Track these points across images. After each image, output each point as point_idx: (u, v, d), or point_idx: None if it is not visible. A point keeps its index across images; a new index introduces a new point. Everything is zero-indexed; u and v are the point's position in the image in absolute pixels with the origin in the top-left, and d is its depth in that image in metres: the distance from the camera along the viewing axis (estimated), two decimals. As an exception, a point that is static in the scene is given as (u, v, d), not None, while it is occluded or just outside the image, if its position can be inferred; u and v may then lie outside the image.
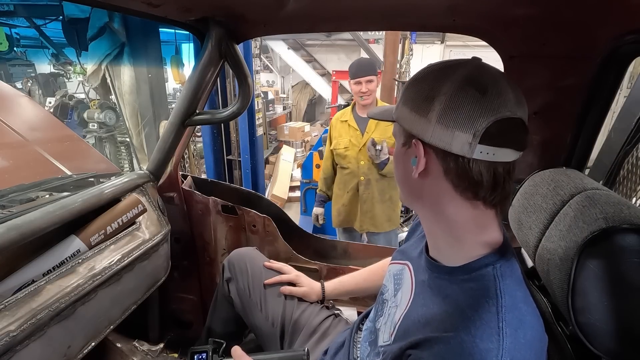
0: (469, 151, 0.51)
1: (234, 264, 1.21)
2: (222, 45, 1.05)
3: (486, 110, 0.50)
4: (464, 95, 0.51)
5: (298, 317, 1.10)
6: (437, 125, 0.52)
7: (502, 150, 0.51)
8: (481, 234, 0.58)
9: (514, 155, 0.52)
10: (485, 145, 0.50)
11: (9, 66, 5.98)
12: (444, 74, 0.54)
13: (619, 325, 0.51)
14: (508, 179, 0.53)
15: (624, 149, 1.37)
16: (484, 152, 0.50)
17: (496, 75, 0.53)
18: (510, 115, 0.50)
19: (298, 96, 8.88)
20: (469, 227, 0.58)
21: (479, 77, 0.52)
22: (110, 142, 4.06)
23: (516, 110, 0.51)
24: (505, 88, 0.51)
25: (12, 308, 0.76)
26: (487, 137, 0.50)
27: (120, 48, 2.98)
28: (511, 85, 0.52)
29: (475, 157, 0.51)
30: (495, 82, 0.52)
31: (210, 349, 0.90)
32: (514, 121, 0.51)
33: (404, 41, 5.06)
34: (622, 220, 0.51)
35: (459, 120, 0.51)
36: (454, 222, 0.58)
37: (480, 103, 0.50)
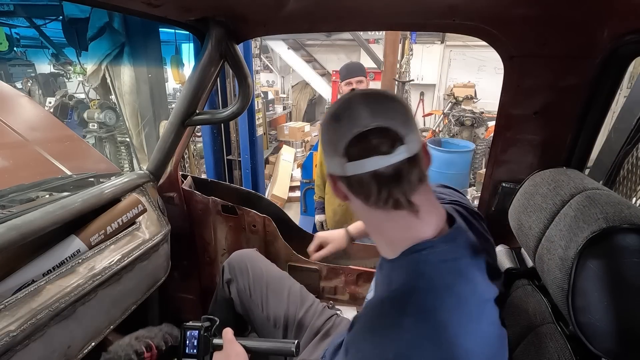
0: (344, 170, 0.58)
1: (234, 265, 1.21)
2: (222, 45, 1.05)
3: (342, 133, 0.57)
4: (328, 128, 0.60)
5: (302, 318, 1.11)
6: (327, 158, 0.62)
7: (368, 160, 0.55)
8: (406, 234, 0.62)
9: (383, 160, 0.55)
10: (352, 161, 0.56)
11: (9, 66, 5.98)
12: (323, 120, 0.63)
13: (619, 325, 0.51)
14: (397, 184, 0.56)
15: (624, 149, 1.37)
16: (355, 167, 0.56)
17: (351, 101, 0.59)
18: (362, 130, 0.55)
19: (298, 96, 8.88)
20: (392, 233, 0.63)
21: (336, 109, 0.60)
22: (110, 142, 4.05)
23: (370, 122, 0.55)
24: (356, 108, 0.57)
25: (12, 308, 0.76)
26: (349, 154, 0.57)
27: (120, 48, 2.97)
28: (369, 100, 0.58)
29: (350, 173, 0.57)
30: (348, 107, 0.58)
31: (202, 327, 0.91)
32: (370, 131, 0.55)
33: (404, 41, 5.07)
34: (622, 220, 0.52)
35: (330, 149, 0.60)
36: (378, 230, 0.65)
37: (337, 130, 0.58)
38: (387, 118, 0.56)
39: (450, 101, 6.00)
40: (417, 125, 0.60)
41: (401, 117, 0.57)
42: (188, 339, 0.91)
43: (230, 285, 1.21)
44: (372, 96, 0.60)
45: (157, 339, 0.95)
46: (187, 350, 0.90)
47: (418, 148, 0.58)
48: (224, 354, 0.85)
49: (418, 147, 0.58)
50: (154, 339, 0.94)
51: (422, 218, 0.60)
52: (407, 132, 0.56)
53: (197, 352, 0.89)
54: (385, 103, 0.58)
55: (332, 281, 1.43)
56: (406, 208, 0.57)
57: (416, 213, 0.58)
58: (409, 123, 0.58)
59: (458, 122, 5.26)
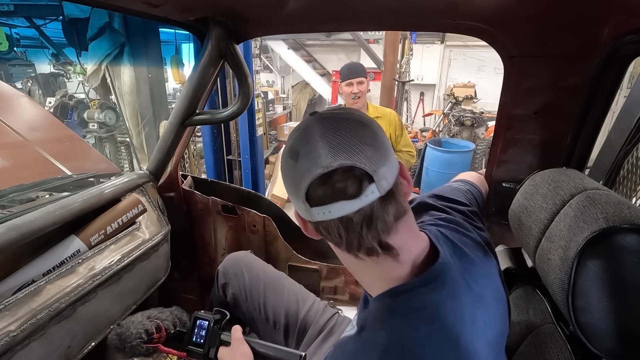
0: (310, 216, 0.51)
1: (229, 268, 1.21)
2: (222, 45, 1.05)
3: (301, 175, 0.49)
4: (286, 167, 0.53)
5: (304, 317, 1.10)
6: (291, 199, 0.55)
7: (334, 205, 0.48)
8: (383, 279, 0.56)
9: (351, 204, 0.48)
10: (316, 206, 0.49)
11: (9, 66, 5.97)
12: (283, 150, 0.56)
13: (619, 325, 0.51)
14: (369, 229, 0.49)
15: (624, 149, 1.37)
16: (320, 213, 0.49)
17: (308, 132, 0.51)
18: (323, 171, 0.47)
19: (298, 96, 8.88)
20: (368, 276, 0.57)
21: (294, 144, 0.52)
22: (110, 142, 4.05)
23: (331, 162, 0.47)
24: (314, 145, 0.49)
25: (12, 308, 0.76)
26: (312, 200, 0.49)
27: (120, 48, 2.97)
28: (329, 131, 0.49)
29: (316, 219, 0.50)
30: (306, 142, 0.50)
31: (212, 320, 0.91)
32: (332, 173, 0.47)
33: (404, 41, 5.07)
34: (622, 220, 0.52)
35: (291, 191, 0.53)
36: (354, 272, 0.60)
37: (295, 170, 0.50)
38: (351, 153, 0.47)
39: (450, 101, 6.00)
40: (388, 150, 0.51)
41: (368, 149, 0.48)
42: (197, 328, 0.91)
43: (226, 289, 1.20)
44: (333, 124, 0.50)
45: (168, 321, 0.94)
46: (195, 339, 0.90)
47: (392, 180, 0.50)
48: (231, 351, 0.84)
49: (392, 180, 0.50)
50: (164, 321, 0.93)
51: (402, 261, 0.53)
52: (377, 166, 0.48)
53: (204, 343, 0.89)
54: (347, 133, 0.49)
55: (332, 281, 1.42)
56: (382, 253, 0.51)
57: (395, 257, 0.52)
58: (378, 153, 0.49)
59: (458, 122, 5.26)
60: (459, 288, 0.55)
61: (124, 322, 0.92)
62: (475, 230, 0.69)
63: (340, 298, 1.44)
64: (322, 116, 0.52)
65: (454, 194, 0.80)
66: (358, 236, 0.49)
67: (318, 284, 1.43)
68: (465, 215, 0.73)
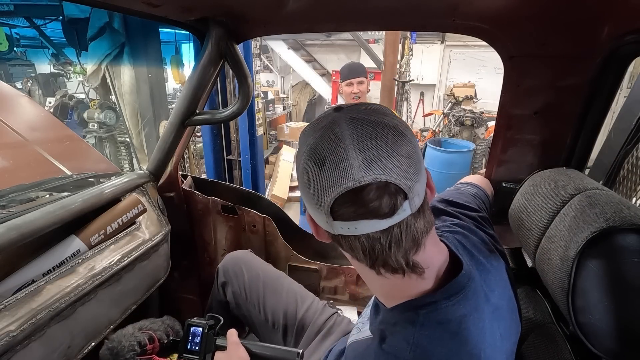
0: (331, 229, 0.47)
1: (229, 267, 1.21)
2: (222, 45, 1.05)
3: (327, 186, 0.44)
4: (308, 174, 0.46)
5: (303, 316, 1.10)
6: (306, 203, 0.50)
7: (361, 222, 0.44)
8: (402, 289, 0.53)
9: (381, 223, 0.44)
10: (340, 221, 0.45)
11: (9, 66, 5.97)
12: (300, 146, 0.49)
13: (619, 325, 0.51)
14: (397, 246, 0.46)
15: (624, 149, 1.37)
16: (344, 228, 0.45)
17: (336, 137, 0.45)
18: (354, 186, 0.42)
19: (298, 96, 8.87)
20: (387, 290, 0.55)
21: (319, 146, 0.46)
22: (110, 142, 4.06)
23: (364, 176, 0.42)
24: (345, 153, 0.43)
25: (12, 308, 0.76)
26: (336, 214, 0.45)
27: (120, 48, 2.97)
28: (362, 139, 0.44)
29: (338, 233, 0.47)
30: (333, 148, 0.44)
31: (206, 325, 0.89)
32: (362, 189, 0.43)
33: (404, 41, 5.07)
34: (622, 220, 0.51)
35: (310, 199, 0.47)
36: (371, 284, 0.57)
37: (320, 179, 0.45)
38: (387, 167, 0.43)
39: (450, 101, 6.00)
40: (421, 161, 0.47)
41: (404, 163, 0.44)
42: (191, 335, 0.89)
43: (226, 288, 1.20)
44: (366, 130, 0.44)
45: (160, 331, 0.93)
46: (189, 346, 0.89)
47: (424, 195, 0.47)
48: (227, 355, 0.84)
49: (424, 194, 0.47)
50: (156, 332, 0.92)
51: (427, 278, 0.51)
52: (412, 181, 0.44)
53: (199, 350, 0.88)
54: (383, 142, 0.44)
55: (332, 281, 1.42)
56: (407, 273, 0.48)
57: (421, 274, 0.49)
58: (414, 166, 0.45)
59: (458, 122, 5.26)
60: (480, 300, 0.53)
61: (115, 335, 0.90)
62: (487, 236, 0.67)
63: (340, 298, 1.44)
64: (352, 116, 0.46)
65: (463, 199, 0.78)
66: (385, 255, 0.46)
67: (318, 284, 1.43)
68: (477, 221, 0.71)
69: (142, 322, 0.95)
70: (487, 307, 0.54)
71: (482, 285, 0.55)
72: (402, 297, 0.53)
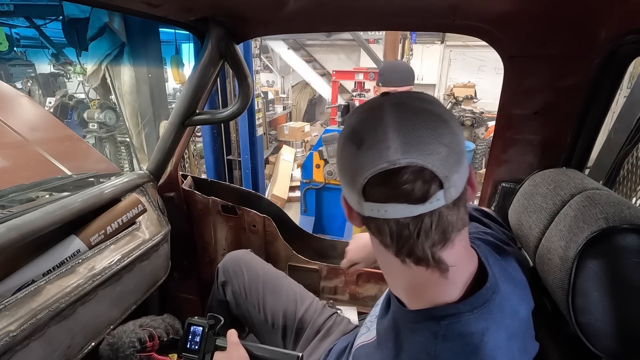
0: (362, 209, 0.46)
1: (229, 267, 1.21)
2: (222, 45, 1.05)
3: (362, 165, 0.44)
4: (345, 153, 0.47)
5: (302, 317, 1.10)
6: (342, 183, 0.51)
7: (392, 206, 0.43)
8: (425, 291, 0.51)
9: (412, 209, 0.43)
10: (371, 202, 0.45)
11: (9, 66, 5.98)
12: (342, 129, 0.51)
13: (619, 325, 0.51)
14: (426, 237, 0.45)
15: (624, 149, 1.37)
16: (374, 210, 0.45)
17: (377, 119, 0.45)
18: (389, 167, 0.42)
19: (298, 96, 8.88)
20: (410, 284, 0.53)
21: (359, 127, 0.46)
22: (110, 142, 4.06)
23: (400, 158, 0.42)
24: (384, 135, 0.43)
25: (12, 308, 0.76)
26: (368, 194, 0.45)
27: (120, 48, 2.98)
28: (404, 122, 0.44)
29: (368, 215, 0.46)
30: (374, 129, 0.44)
31: (207, 325, 0.89)
32: (397, 171, 0.42)
33: (404, 41, 5.07)
34: (622, 220, 0.51)
35: (346, 179, 0.48)
36: (394, 276, 0.55)
37: (356, 159, 0.45)
38: (425, 153, 0.42)
39: (450, 101, 6.00)
40: (464, 153, 0.46)
41: (444, 151, 0.43)
42: (191, 334, 0.89)
43: (225, 287, 1.20)
44: (409, 115, 0.44)
45: (160, 329, 0.93)
46: (189, 345, 0.89)
47: (462, 188, 0.45)
48: (227, 355, 0.84)
49: (462, 187, 0.45)
50: (157, 329, 0.92)
51: (451, 278, 0.48)
52: (450, 171, 0.43)
53: (199, 349, 0.88)
54: (424, 128, 0.43)
55: (332, 281, 1.42)
56: (431, 266, 0.46)
57: (444, 272, 0.47)
58: (454, 156, 0.44)
59: (458, 122, 5.26)
60: (503, 315, 0.51)
61: (115, 331, 0.89)
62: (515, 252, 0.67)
63: (340, 298, 1.44)
64: (397, 102, 0.46)
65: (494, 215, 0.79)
66: (412, 243, 0.45)
67: (318, 284, 1.43)
68: (508, 237, 0.71)
69: (142, 319, 0.95)
70: (510, 322, 0.52)
71: (507, 298, 0.53)
72: (424, 299, 0.51)
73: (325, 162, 3.16)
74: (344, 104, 3.50)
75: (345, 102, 4.58)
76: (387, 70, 1.72)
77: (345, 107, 3.46)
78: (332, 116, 5.57)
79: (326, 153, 3.10)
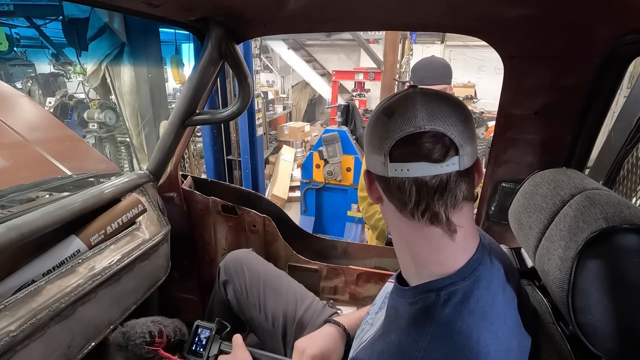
0: (385, 170, 0.53)
1: (230, 266, 1.21)
2: (222, 45, 1.05)
3: (391, 130, 0.52)
4: (377, 123, 0.55)
5: (301, 316, 1.10)
6: (367, 154, 0.58)
7: (415, 165, 0.51)
8: (432, 258, 0.57)
9: (431, 168, 0.51)
10: (396, 162, 0.52)
11: (9, 66, 5.97)
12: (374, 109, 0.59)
13: (619, 325, 0.51)
14: (440, 195, 0.52)
15: (624, 149, 1.36)
16: (398, 169, 0.52)
17: (409, 97, 0.54)
18: (415, 130, 0.51)
19: (298, 96, 8.88)
20: (420, 249, 0.58)
21: (391, 103, 0.55)
22: (110, 142, 4.06)
23: (425, 124, 0.50)
24: (413, 106, 0.52)
25: (12, 308, 0.76)
26: (395, 154, 0.52)
27: (120, 48, 2.98)
28: (430, 100, 0.53)
29: (392, 175, 0.53)
30: (404, 103, 0.53)
31: (214, 328, 0.92)
32: (422, 134, 0.51)
33: (404, 41, 5.07)
34: (622, 220, 0.51)
35: (374, 144, 0.55)
36: (406, 243, 0.59)
37: (387, 125, 0.53)
38: (446, 123, 0.51)
39: (450, 101, 6.00)
40: (475, 135, 0.55)
41: (461, 125, 0.52)
42: (198, 337, 0.92)
43: (227, 286, 1.20)
44: (434, 97, 0.54)
45: (170, 328, 0.96)
46: (195, 347, 0.91)
47: (471, 162, 0.53)
48: (231, 358, 0.85)
49: (471, 161, 0.53)
50: (167, 327, 0.96)
51: (457, 242, 0.55)
52: (464, 142, 0.51)
53: (203, 352, 0.90)
54: (446, 106, 0.52)
55: (332, 281, 1.42)
56: (443, 226, 0.53)
57: (452, 234, 0.53)
58: (468, 134, 0.53)
59: (458, 122, 5.26)
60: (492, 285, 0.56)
61: (129, 322, 0.93)
62: None
63: (340, 298, 1.44)
64: (424, 91, 0.55)
65: None
66: (428, 199, 0.52)
67: (318, 284, 1.43)
68: None
69: (155, 317, 0.99)
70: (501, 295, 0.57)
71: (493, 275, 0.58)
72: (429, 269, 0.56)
73: (325, 162, 3.16)
74: (344, 104, 3.49)
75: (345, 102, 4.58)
76: (419, 67, 1.57)
77: (345, 107, 3.46)
78: (332, 116, 5.57)
79: (326, 153, 3.10)
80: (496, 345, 0.51)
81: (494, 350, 0.51)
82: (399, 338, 0.54)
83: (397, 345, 0.54)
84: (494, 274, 0.58)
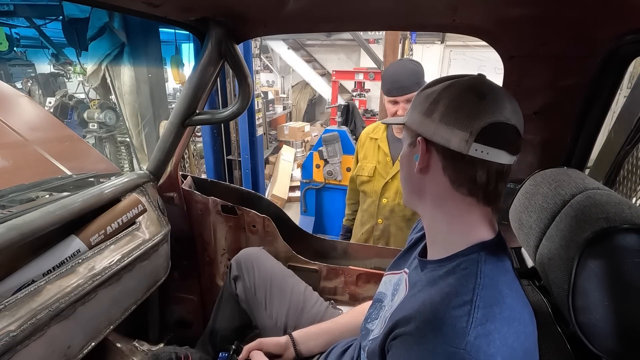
0: (465, 148, 0.56)
1: (241, 262, 1.23)
2: (222, 45, 1.05)
3: (483, 112, 0.55)
4: (464, 98, 0.57)
5: (304, 317, 1.12)
6: (439, 124, 0.58)
7: (496, 151, 0.55)
8: (472, 230, 0.61)
9: (507, 158, 0.57)
10: (480, 144, 0.55)
11: (9, 66, 5.97)
12: (450, 83, 0.61)
13: (619, 325, 0.50)
14: (501, 181, 0.59)
15: (624, 149, 1.36)
16: (479, 150, 0.55)
17: (495, 88, 0.59)
18: (505, 121, 0.56)
19: (298, 96, 8.88)
20: (462, 222, 0.62)
21: (480, 86, 0.59)
22: (110, 142, 4.06)
23: (511, 118, 0.56)
24: (502, 98, 0.57)
25: (12, 308, 0.76)
26: (482, 136, 0.55)
27: (120, 48, 2.98)
28: (509, 97, 0.59)
29: (471, 154, 0.56)
30: (494, 91, 0.58)
31: (232, 349, 0.99)
32: (509, 127, 0.56)
33: (404, 41, 5.08)
34: (623, 220, 0.51)
35: (459, 119, 0.56)
36: (449, 216, 0.63)
37: (478, 106, 0.56)
38: (521, 124, 0.58)
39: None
40: None
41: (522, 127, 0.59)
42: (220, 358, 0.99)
43: (237, 282, 1.23)
44: (508, 94, 0.60)
45: (196, 355, 1.06)
46: None
47: None
48: None
49: None
50: (194, 354, 1.05)
51: (492, 219, 0.62)
52: None
53: None
54: (517, 106, 0.59)
55: (332, 281, 1.42)
56: (492, 205, 0.60)
57: (493, 212, 0.61)
58: None
59: (458, 122, 5.26)
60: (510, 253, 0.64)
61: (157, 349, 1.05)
62: None
63: (340, 298, 1.44)
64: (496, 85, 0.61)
65: None
66: (490, 182, 0.57)
67: (318, 284, 1.43)
68: None
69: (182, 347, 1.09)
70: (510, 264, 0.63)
71: None
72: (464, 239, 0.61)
73: (325, 162, 3.16)
74: (344, 104, 3.49)
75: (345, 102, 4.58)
76: (385, 78, 1.46)
77: (345, 107, 3.46)
78: (332, 116, 5.57)
79: (326, 153, 3.10)
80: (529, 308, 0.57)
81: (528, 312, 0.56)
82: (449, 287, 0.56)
83: (446, 293, 0.55)
84: None
